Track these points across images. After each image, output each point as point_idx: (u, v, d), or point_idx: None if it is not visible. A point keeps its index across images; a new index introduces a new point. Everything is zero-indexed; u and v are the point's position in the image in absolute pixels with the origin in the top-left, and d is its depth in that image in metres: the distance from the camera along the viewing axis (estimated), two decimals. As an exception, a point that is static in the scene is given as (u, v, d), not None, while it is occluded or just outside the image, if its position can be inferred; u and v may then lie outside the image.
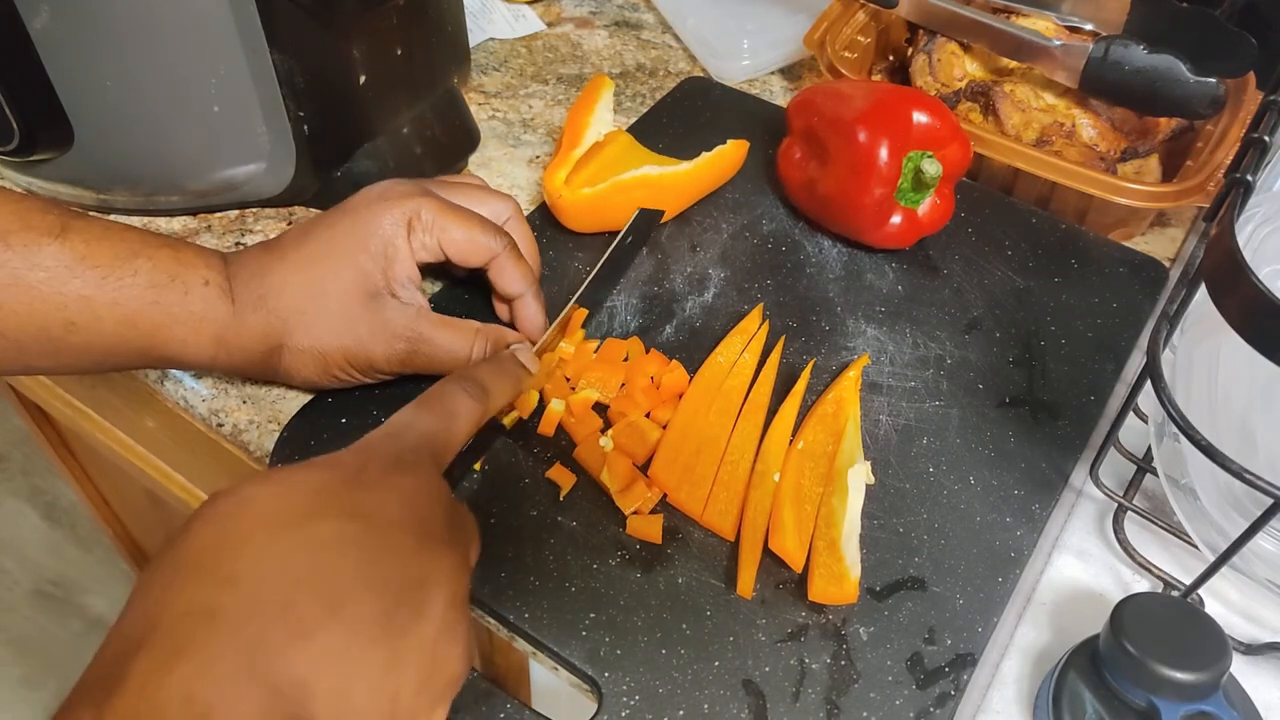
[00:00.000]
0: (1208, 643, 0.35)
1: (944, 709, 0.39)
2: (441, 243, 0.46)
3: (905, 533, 0.44)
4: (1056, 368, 0.51)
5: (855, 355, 0.51)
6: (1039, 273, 0.56)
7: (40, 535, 1.61)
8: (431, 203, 0.46)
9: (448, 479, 0.36)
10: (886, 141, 0.52)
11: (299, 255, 0.45)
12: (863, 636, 0.41)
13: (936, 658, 0.40)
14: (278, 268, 0.44)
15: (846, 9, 0.67)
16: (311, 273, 0.44)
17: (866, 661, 0.40)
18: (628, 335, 0.52)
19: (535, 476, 0.46)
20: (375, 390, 0.48)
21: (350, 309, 0.44)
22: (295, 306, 0.44)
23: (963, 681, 0.40)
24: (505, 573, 0.42)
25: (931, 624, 0.41)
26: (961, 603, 0.42)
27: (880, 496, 0.46)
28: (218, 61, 0.51)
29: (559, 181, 0.55)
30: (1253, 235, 0.39)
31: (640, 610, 0.41)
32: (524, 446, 0.47)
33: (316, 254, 0.45)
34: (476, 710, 0.39)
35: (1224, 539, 0.39)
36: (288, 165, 0.56)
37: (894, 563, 0.43)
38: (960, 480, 0.46)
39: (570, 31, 0.76)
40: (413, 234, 0.45)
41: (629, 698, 0.39)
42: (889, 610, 0.42)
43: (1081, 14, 0.63)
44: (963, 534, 0.44)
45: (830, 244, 0.58)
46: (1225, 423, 0.40)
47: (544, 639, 0.41)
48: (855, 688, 0.39)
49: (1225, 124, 0.59)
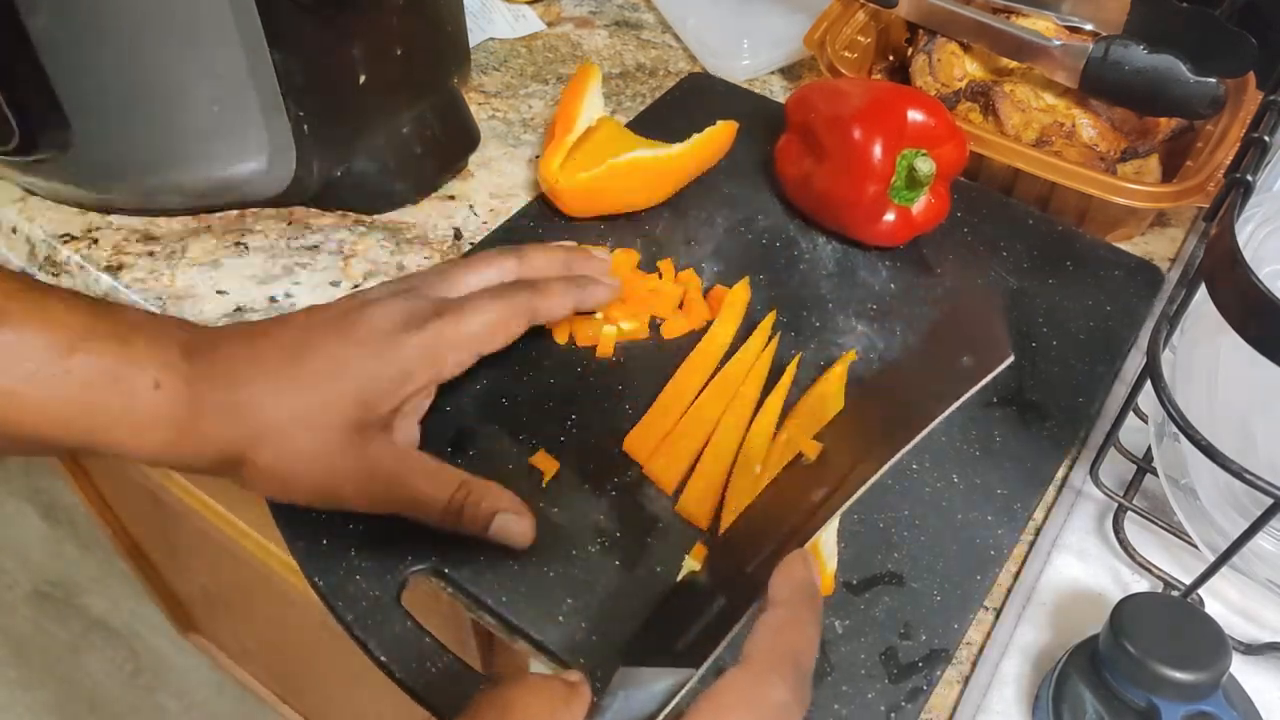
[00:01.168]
0: (1208, 643, 0.35)
1: (915, 703, 0.39)
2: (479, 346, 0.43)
3: (885, 528, 0.44)
4: (1047, 368, 0.51)
5: (844, 351, 0.52)
6: (1033, 274, 0.56)
7: (40, 535, 1.61)
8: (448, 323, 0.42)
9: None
10: (881, 139, 0.52)
11: (287, 370, 0.40)
12: (838, 629, 0.41)
13: (911, 653, 0.40)
14: (259, 380, 0.39)
15: (846, 9, 0.67)
16: (297, 393, 0.39)
17: (840, 654, 0.40)
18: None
19: (519, 463, 0.46)
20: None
21: (333, 444, 0.39)
22: (271, 424, 0.39)
23: (935, 677, 0.40)
24: (484, 556, 0.42)
25: (907, 619, 0.41)
26: (939, 599, 0.42)
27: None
28: (217, 61, 0.51)
29: (554, 168, 0.56)
30: (1253, 235, 0.39)
31: (618, 597, 0.42)
32: (510, 433, 0.47)
33: (308, 373, 0.40)
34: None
35: (1224, 539, 0.39)
36: (288, 165, 0.56)
37: (872, 558, 0.43)
38: (943, 478, 0.46)
39: (570, 31, 0.76)
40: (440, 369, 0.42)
41: (603, 683, 0.39)
42: (865, 604, 0.42)
43: (1081, 14, 0.63)
44: (943, 531, 0.44)
45: (825, 241, 0.58)
46: (1225, 423, 0.40)
47: (520, 623, 0.41)
48: (828, 680, 0.39)
49: (1225, 124, 0.59)
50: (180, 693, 1.44)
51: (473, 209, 0.61)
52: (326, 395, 0.39)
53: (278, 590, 0.84)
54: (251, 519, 0.78)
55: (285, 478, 0.40)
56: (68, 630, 1.50)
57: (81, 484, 1.05)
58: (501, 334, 0.44)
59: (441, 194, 0.61)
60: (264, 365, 0.39)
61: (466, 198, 0.61)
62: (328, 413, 0.39)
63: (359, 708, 1.03)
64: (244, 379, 0.39)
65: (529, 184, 0.62)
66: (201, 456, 0.39)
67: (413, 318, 0.42)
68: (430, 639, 0.40)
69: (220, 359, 0.39)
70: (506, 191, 0.62)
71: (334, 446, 0.39)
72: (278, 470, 0.39)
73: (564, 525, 0.44)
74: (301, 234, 0.58)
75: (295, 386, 0.39)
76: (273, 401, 0.39)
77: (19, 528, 1.62)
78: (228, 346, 0.40)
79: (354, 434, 0.40)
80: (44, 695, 1.43)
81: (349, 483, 0.40)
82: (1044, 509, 0.48)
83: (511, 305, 0.44)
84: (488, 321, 0.43)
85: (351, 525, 0.43)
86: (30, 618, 1.51)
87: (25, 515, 1.64)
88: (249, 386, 0.39)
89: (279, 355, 0.40)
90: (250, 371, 0.39)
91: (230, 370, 0.39)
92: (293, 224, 0.59)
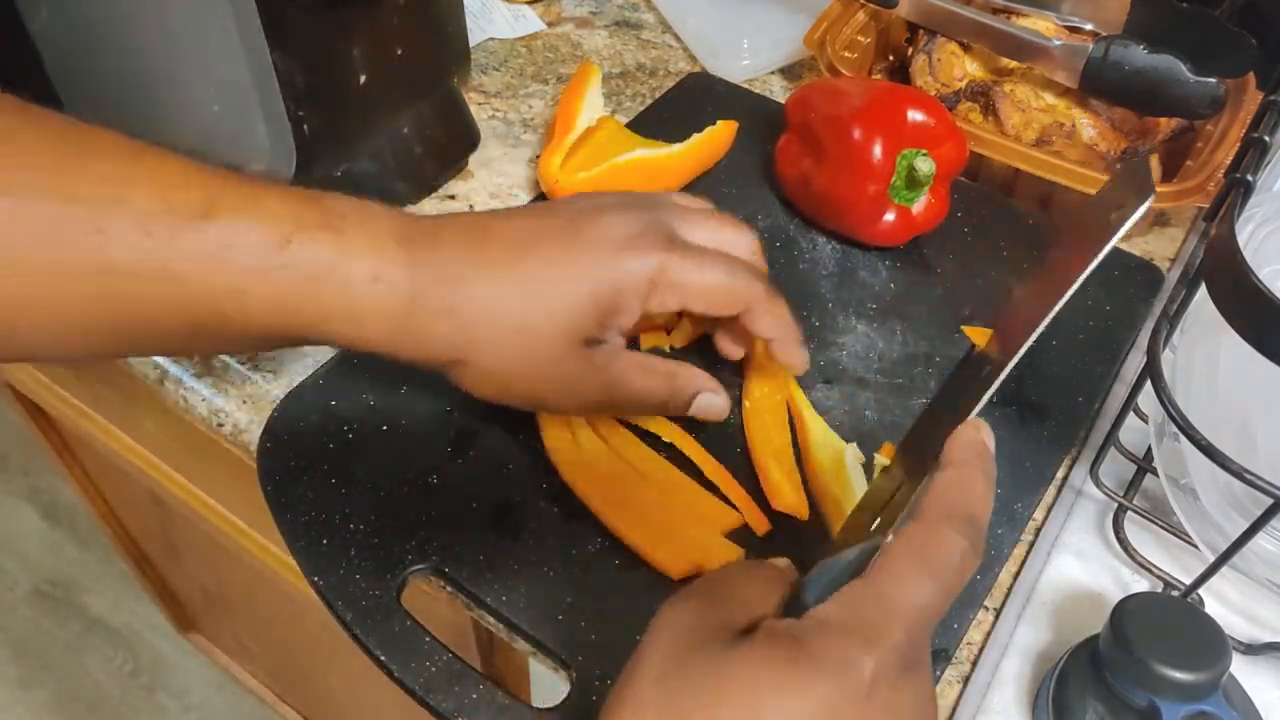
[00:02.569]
0: (1208, 643, 0.35)
1: None
2: (687, 300, 0.40)
3: None
4: (1046, 368, 0.51)
5: (844, 351, 0.52)
6: (1033, 274, 0.56)
7: (40, 535, 1.61)
8: (679, 260, 0.40)
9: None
10: (880, 139, 0.52)
11: (511, 272, 0.38)
12: None
13: None
14: (479, 279, 0.38)
15: (846, 9, 0.67)
16: (521, 300, 0.38)
17: None
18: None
19: (520, 462, 0.46)
20: (366, 374, 0.48)
21: (554, 351, 0.39)
22: (491, 332, 0.38)
23: (935, 677, 0.40)
24: (485, 555, 0.42)
25: None
26: None
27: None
28: (218, 61, 0.51)
29: (554, 168, 0.56)
30: (1253, 235, 0.39)
31: (617, 596, 0.42)
32: (510, 432, 0.47)
33: (533, 277, 0.38)
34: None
35: (1224, 539, 0.39)
36: (288, 165, 0.56)
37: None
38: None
39: (570, 31, 0.76)
40: (653, 294, 0.40)
41: (601, 681, 0.39)
42: None
43: (1081, 14, 0.63)
44: None
45: (825, 240, 0.58)
46: (1225, 423, 0.40)
47: (519, 621, 0.41)
48: None
49: (1225, 124, 0.59)
50: (180, 692, 1.44)
51: (473, 209, 0.61)
52: (550, 304, 0.38)
53: (278, 590, 0.84)
54: (251, 519, 0.78)
55: (502, 382, 0.40)
56: (67, 630, 1.50)
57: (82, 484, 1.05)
58: (718, 303, 0.41)
59: (441, 194, 0.61)
60: (487, 265, 0.38)
61: (466, 198, 0.61)
62: (551, 321, 0.38)
63: (359, 707, 1.03)
64: (465, 278, 0.38)
65: (529, 184, 0.62)
66: (421, 350, 0.39)
67: (644, 237, 0.40)
68: (430, 639, 0.40)
69: (441, 254, 0.38)
70: (506, 191, 0.62)
71: (556, 354, 0.39)
72: (494, 374, 0.39)
73: (564, 525, 0.44)
74: (301, 234, 0.58)
75: (519, 291, 0.38)
76: (494, 306, 0.38)
77: (19, 527, 1.62)
78: (451, 239, 0.39)
79: (575, 344, 0.39)
80: (43, 694, 1.43)
81: (568, 390, 0.40)
82: (1044, 509, 0.48)
83: (737, 287, 0.41)
84: (713, 283, 0.41)
85: (351, 525, 0.43)
86: (30, 617, 1.51)
87: (25, 515, 1.64)
88: (470, 287, 0.38)
89: (503, 254, 0.39)
90: (472, 272, 0.38)
91: (451, 268, 0.38)
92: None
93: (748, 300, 0.41)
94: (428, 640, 0.40)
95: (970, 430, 0.32)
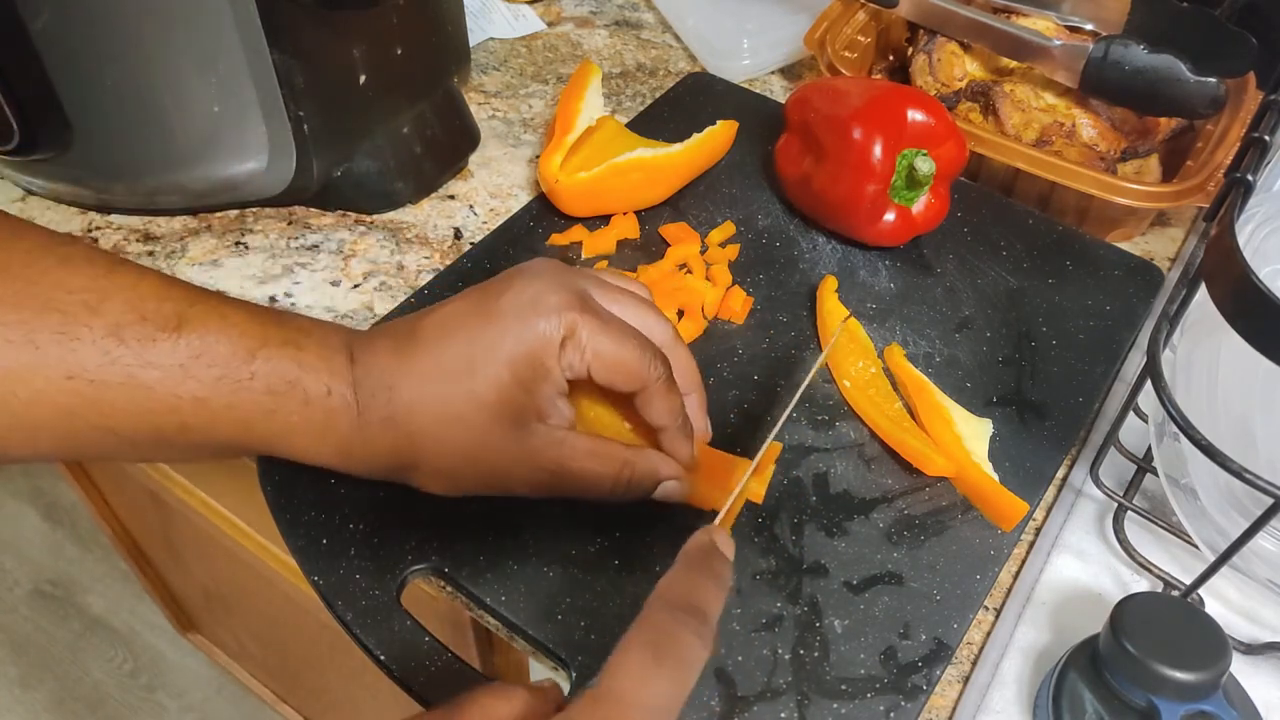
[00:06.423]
0: (1208, 643, 0.35)
1: (915, 703, 0.39)
2: (591, 364, 0.40)
3: (885, 528, 0.44)
4: (1046, 368, 0.51)
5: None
6: (1033, 273, 0.56)
7: (40, 535, 1.61)
8: (589, 320, 0.39)
9: None
10: (880, 139, 0.52)
11: (436, 368, 0.39)
12: (837, 629, 0.41)
13: (910, 652, 0.40)
14: (408, 383, 0.39)
15: (846, 9, 0.67)
16: (445, 392, 0.38)
17: (840, 654, 0.40)
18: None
19: None
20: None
21: (489, 438, 0.39)
22: (427, 431, 0.39)
23: (935, 676, 0.40)
24: (484, 556, 0.42)
25: (907, 619, 0.41)
26: (939, 599, 0.42)
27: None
28: (218, 61, 0.51)
29: (554, 167, 0.56)
30: (1253, 235, 0.39)
31: (616, 597, 0.42)
32: None
33: (452, 370, 0.38)
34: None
35: (1224, 539, 0.39)
36: (288, 165, 0.56)
37: (872, 557, 0.43)
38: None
39: (570, 31, 0.76)
40: (563, 352, 0.39)
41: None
42: (865, 604, 0.42)
43: (1081, 14, 0.63)
44: (943, 530, 0.44)
45: (825, 240, 0.58)
46: (1225, 423, 0.40)
47: (518, 621, 0.41)
48: (827, 679, 0.40)
49: (1225, 124, 0.59)
50: (180, 692, 1.44)
51: (473, 209, 0.61)
52: (470, 386, 0.38)
53: (278, 590, 0.84)
54: (251, 519, 0.78)
55: (452, 477, 0.41)
56: (67, 629, 1.50)
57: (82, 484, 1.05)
58: (620, 376, 0.40)
59: (441, 194, 0.61)
60: (410, 365, 0.39)
61: (466, 198, 0.61)
62: (477, 402, 0.38)
63: (358, 707, 1.03)
64: (394, 382, 0.39)
65: (529, 184, 0.62)
66: (375, 461, 0.40)
67: (553, 297, 0.39)
68: (430, 639, 0.40)
69: (378, 362, 0.39)
70: (506, 191, 0.62)
71: (493, 439, 0.39)
72: (443, 471, 0.40)
73: (563, 525, 0.44)
74: (301, 234, 0.58)
75: (442, 383, 0.38)
76: (425, 406, 0.39)
77: (19, 527, 1.62)
78: (384, 346, 0.40)
79: (509, 425, 0.39)
80: (43, 694, 1.43)
81: (515, 472, 0.40)
82: (1044, 509, 0.48)
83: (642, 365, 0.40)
84: (620, 355, 0.40)
85: (351, 525, 0.43)
86: (30, 617, 1.51)
87: (25, 515, 1.64)
88: (401, 392, 0.39)
89: (427, 351, 0.39)
90: (402, 378, 0.39)
91: (385, 377, 0.39)
92: (293, 224, 0.59)
93: (646, 381, 0.40)
94: (428, 640, 0.40)
95: (703, 535, 0.32)
